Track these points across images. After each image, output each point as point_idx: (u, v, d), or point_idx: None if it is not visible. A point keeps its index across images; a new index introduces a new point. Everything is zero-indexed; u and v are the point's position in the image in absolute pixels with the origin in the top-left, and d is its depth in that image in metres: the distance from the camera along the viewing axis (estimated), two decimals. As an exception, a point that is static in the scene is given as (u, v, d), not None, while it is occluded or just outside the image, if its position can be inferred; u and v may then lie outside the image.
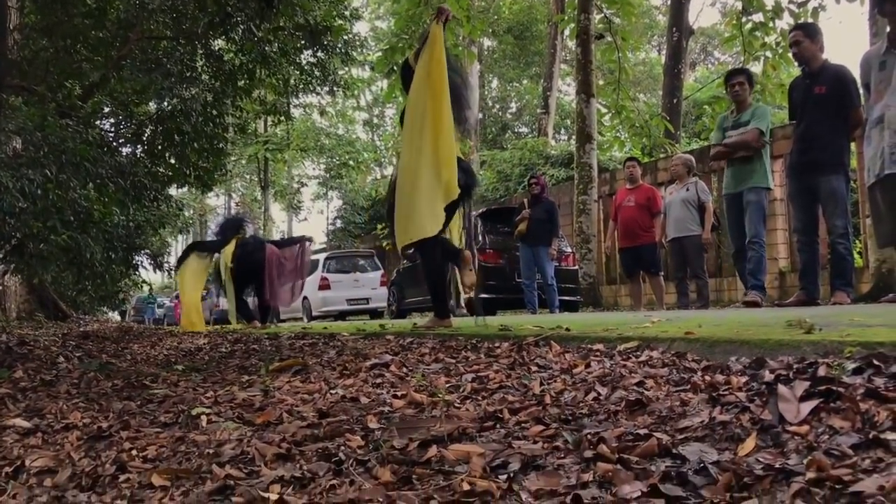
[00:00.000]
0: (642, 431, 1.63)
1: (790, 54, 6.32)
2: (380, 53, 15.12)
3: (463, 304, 4.87)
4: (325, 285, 16.85)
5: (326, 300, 16.86)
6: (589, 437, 1.64)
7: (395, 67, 13.63)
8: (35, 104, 7.77)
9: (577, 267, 11.89)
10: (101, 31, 9.24)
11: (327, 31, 9.86)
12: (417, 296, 13.28)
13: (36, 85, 8.81)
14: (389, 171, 38.23)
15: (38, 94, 8.48)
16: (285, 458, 1.85)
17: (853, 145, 6.51)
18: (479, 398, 2.24)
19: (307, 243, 10.94)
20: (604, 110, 15.84)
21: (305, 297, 17.54)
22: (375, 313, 17.18)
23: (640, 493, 1.32)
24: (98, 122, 9.91)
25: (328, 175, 35.46)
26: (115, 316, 26.47)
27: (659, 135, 15.28)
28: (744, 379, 1.90)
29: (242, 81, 9.78)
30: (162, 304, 30.55)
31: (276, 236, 40.71)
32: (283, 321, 16.80)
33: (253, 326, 8.91)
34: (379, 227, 21.56)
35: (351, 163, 32.97)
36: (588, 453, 1.55)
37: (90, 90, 9.60)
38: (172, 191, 12.23)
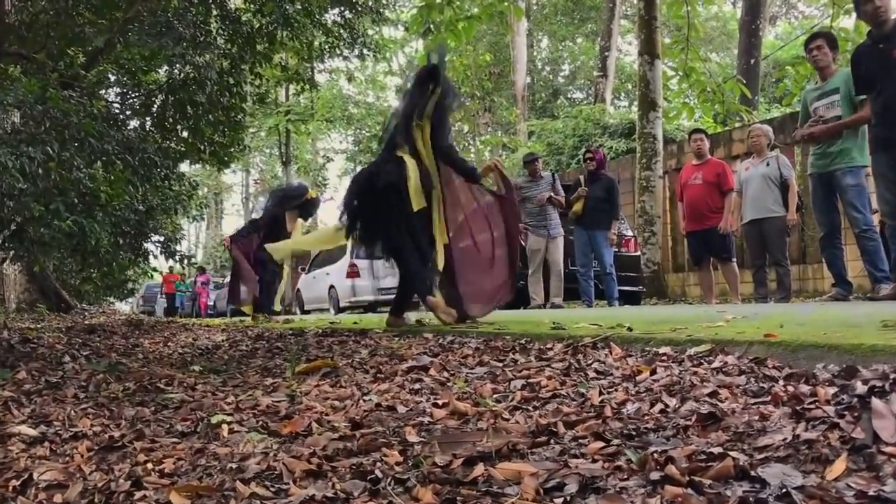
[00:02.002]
0: (716, 450, 1.63)
1: (856, 13, 6.14)
2: (414, 11, 15.11)
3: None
4: (353, 273, 16.91)
5: (356, 289, 16.94)
6: (655, 455, 1.65)
7: (431, 27, 13.62)
8: (35, 74, 7.92)
9: (639, 252, 11.81)
10: (106, -11, 9.38)
11: (357, -13, 9.90)
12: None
13: (35, 52, 8.98)
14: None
15: (38, 62, 8.64)
16: (316, 476, 1.88)
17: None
18: (530, 409, 2.26)
19: None
20: (670, 73, 15.63)
21: (332, 287, 17.69)
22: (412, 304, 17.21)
23: (714, 522, 1.33)
24: (103, 93, 10.08)
25: (356, 149, 35.63)
26: (124, 307, 26.97)
27: (734, 101, 15.05)
28: (832, 390, 1.88)
29: (262, 46, 9.86)
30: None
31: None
32: (308, 313, 16.99)
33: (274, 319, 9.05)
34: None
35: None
36: (655, 475, 1.55)
37: (94, 57, 9.76)
38: (185, 167, 12.42)
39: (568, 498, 1.52)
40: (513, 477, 1.66)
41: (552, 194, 9.75)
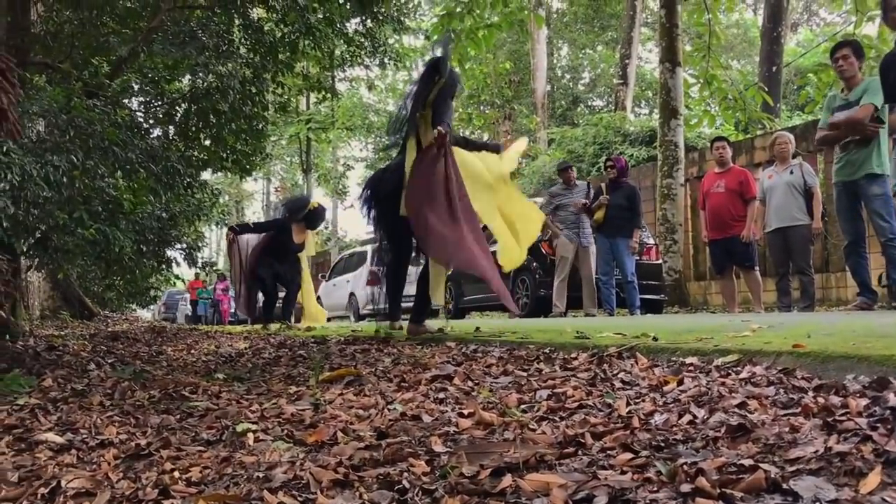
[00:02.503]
0: (747, 462, 1.61)
1: (882, 20, 6.09)
2: (435, 20, 15.15)
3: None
4: (373, 280, 16.93)
5: (375, 297, 16.95)
6: (685, 467, 1.63)
7: (452, 35, 13.66)
8: (60, 83, 7.99)
9: (660, 261, 11.76)
10: (130, 0, 9.46)
11: (381, -1, 9.92)
12: (478, 293, 13.30)
13: (60, 62, 9.07)
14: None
15: (63, 71, 8.72)
16: (343, 485, 1.88)
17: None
18: (557, 419, 2.25)
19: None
20: (691, 80, 15.58)
21: (352, 294, 17.73)
22: (431, 312, 17.22)
23: (747, 536, 1.31)
24: (127, 102, 10.16)
25: (376, 157, 35.70)
26: (145, 314, 27.09)
27: (755, 108, 14.99)
28: (864, 402, 1.87)
29: (284, 55, 9.90)
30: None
31: (320, 225, 41.18)
32: (329, 320, 17.02)
33: (296, 328, 9.15)
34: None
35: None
36: (685, 487, 1.54)
37: (118, 67, 9.83)
38: (207, 176, 12.51)
39: (597, 510, 1.52)
40: (541, 488, 1.65)
41: (587, 201, 9.76)
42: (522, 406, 2.46)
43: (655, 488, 1.59)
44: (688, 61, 14.85)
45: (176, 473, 2.20)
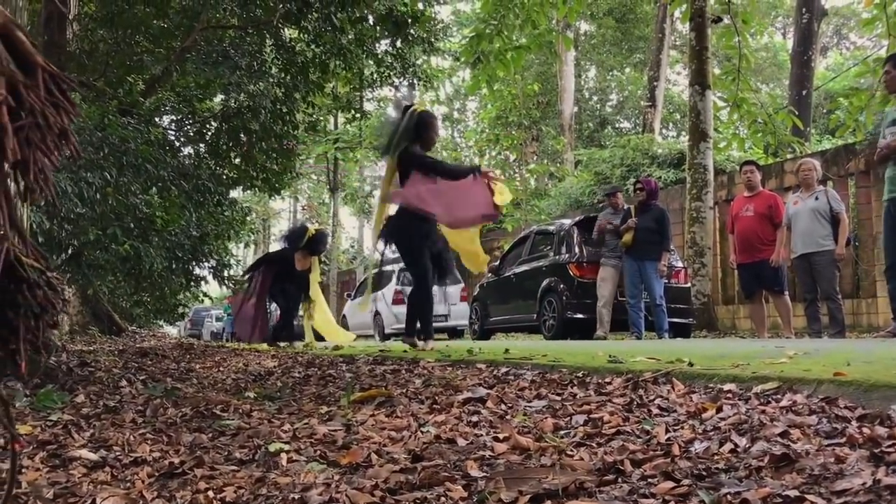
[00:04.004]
0: (792, 493, 1.58)
1: None
2: (464, 41, 15.20)
3: None
4: (399, 300, 16.94)
5: (400, 317, 16.96)
6: (729, 497, 1.61)
7: (480, 57, 13.70)
8: (94, 101, 8.10)
9: (688, 284, 11.67)
10: (164, 20, 9.59)
11: (415, 20, 9.97)
12: (504, 314, 13.26)
13: (95, 80, 9.20)
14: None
15: (98, 89, 8.84)
16: (380, 509, 1.87)
17: None
18: (594, 445, 2.22)
19: None
20: (720, 103, 15.51)
21: (378, 314, 17.74)
22: (455, 332, 17.19)
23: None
24: (158, 120, 10.28)
25: (403, 176, 35.73)
26: (172, 330, 27.26)
27: (785, 132, 14.88)
28: (911, 433, 1.83)
29: (315, 75, 9.99)
30: (221, 317, 31.11)
31: (346, 244, 41.35)
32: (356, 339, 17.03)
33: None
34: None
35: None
36: (730, 518, 1.52)
37: (152, 85, 9.97)
38: (236, 194, 12.60)
39: (641, 540, 1.49)
40: (582, 516, 1.63)
41: (611, 222, 9.77)
42: (559, 431, 2.43)
43: (700, 518, 1.56)
44: (717, 84, 14.78)
45: (210, 493, 2.19)
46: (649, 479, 1.83)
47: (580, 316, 10.87)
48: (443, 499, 1.86)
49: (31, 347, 1.07)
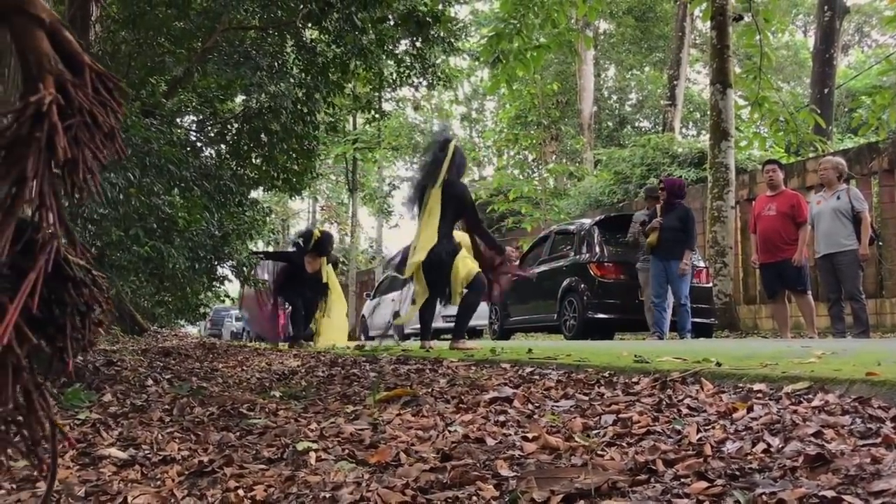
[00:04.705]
0: (828, 493, 1.57)
1: None
2: (484, 41, 15.19)
3: None
4: (422, 303, 16.88)
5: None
6: (765, 497, 1.59)
7: (500, 57, 13.69)
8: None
9: (710, 284, 11.61)
10: (185, 21, 9.62)
11: (436, 20, 9.95)
12: (524, 314, 13.24)
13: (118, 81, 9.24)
14: (489, 171, 38.34)
15: (121, 90, 8.87)
16: (411, 508, 1.87)
17: None
18: (625, 445, 2.21)
19: None
20: (742, 102, 15.43)
21: (397, 314, 17.76)
22: (474, 332, 17.19)
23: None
24: (180, 121, 10.32)
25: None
26: (192, 330, 27.39)
27: (807, 130, 14.79)
28: (948, 434, 1.81)
29: (336, 75, 9.99)
30: (241, 317, 31.15)
31: (364, 244, 41.43)
32: (372, 339, 17.07)
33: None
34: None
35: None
36: (767, 518, 1.50)
37: (173, 86, 10.01)
38: (257, 194, 12.66)
39: (677, 540, 1.48)
40: (616, 516, 1.62)
41: (644, 219, 9.76)
42: (588, 431, 2.42)
43: (735, 518, 1.55)
44: (738, 83, 14.71)
45: (241, 492, 2.20)
46: (682, 479, 1.82)
47: (601, 316, 10.84)
48: (474, 498, 1.86)
49: (78, 346, 1.08)
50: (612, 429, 2.38)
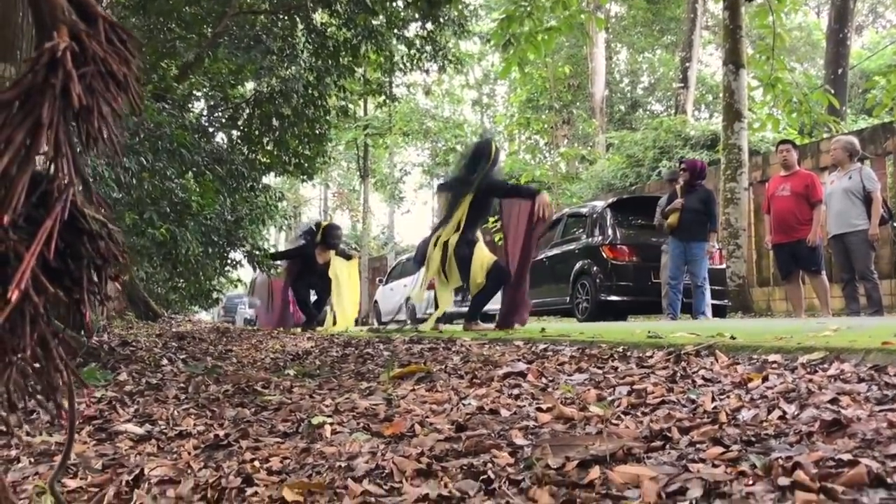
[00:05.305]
0: (845, 457, 1.56)
1: None
2: (494, 24, 15.13)
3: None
4: (431, 285, 16.92)
5: (431, 301, 16.97)
6: (781, 461, 1.59)
7: (511, 39, 13.62)
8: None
9: (724, 266, 11.57)
10: (196, 6, 9.62)
11: (448, 0, 9.92)
12: (536, 297, 13.22)
13: (129, 66, 9.25)
14: (501, 157, 38.19)
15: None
16: (427, 475, 1.87)
17: None
18: (639, 414, 2.21)
19: None
20: (754, 83, 15.32)
21: (409, 298, 17.80)
22: (486, 316, 17.17)
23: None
24: (191, 106, 10.35)
25: (433, 162, 35.80)
26: (206, 316, 27.48)
27: (821, 111, 14.69)
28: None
29: (346, 59, 9.98)
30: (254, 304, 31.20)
31: (376, 230, 41.44)
32: (385, 324, 17.11)
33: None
34: (490, 220, 21.56)
35: (458, 148, 33.11)
36: (783, 480, 1.50)
37: (184, 71, 10.02)
38: (269, 179, 12.68)
39: (693, 502, 1.48)
40: (631, 481, 1.62)
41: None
42: (602, 402, 2.43)
43: (751, 481, 1.55)
44: (751, 64, 14.61)
45: (256, 463, 2.22)
46: (697, 446, 1.82)
47: (614, 298, 10.83)
48: (489, 465, 1.87)
49: (95, 299, 1.09)
50: (627, 399, 2.39)
